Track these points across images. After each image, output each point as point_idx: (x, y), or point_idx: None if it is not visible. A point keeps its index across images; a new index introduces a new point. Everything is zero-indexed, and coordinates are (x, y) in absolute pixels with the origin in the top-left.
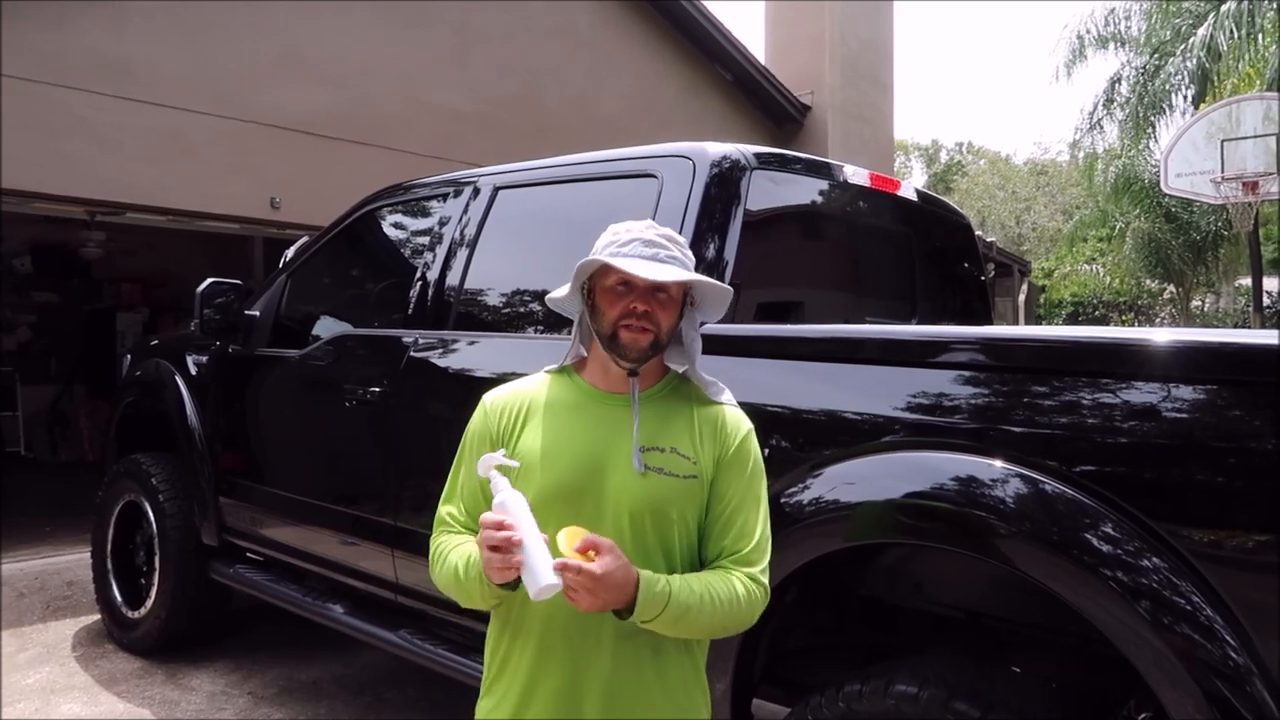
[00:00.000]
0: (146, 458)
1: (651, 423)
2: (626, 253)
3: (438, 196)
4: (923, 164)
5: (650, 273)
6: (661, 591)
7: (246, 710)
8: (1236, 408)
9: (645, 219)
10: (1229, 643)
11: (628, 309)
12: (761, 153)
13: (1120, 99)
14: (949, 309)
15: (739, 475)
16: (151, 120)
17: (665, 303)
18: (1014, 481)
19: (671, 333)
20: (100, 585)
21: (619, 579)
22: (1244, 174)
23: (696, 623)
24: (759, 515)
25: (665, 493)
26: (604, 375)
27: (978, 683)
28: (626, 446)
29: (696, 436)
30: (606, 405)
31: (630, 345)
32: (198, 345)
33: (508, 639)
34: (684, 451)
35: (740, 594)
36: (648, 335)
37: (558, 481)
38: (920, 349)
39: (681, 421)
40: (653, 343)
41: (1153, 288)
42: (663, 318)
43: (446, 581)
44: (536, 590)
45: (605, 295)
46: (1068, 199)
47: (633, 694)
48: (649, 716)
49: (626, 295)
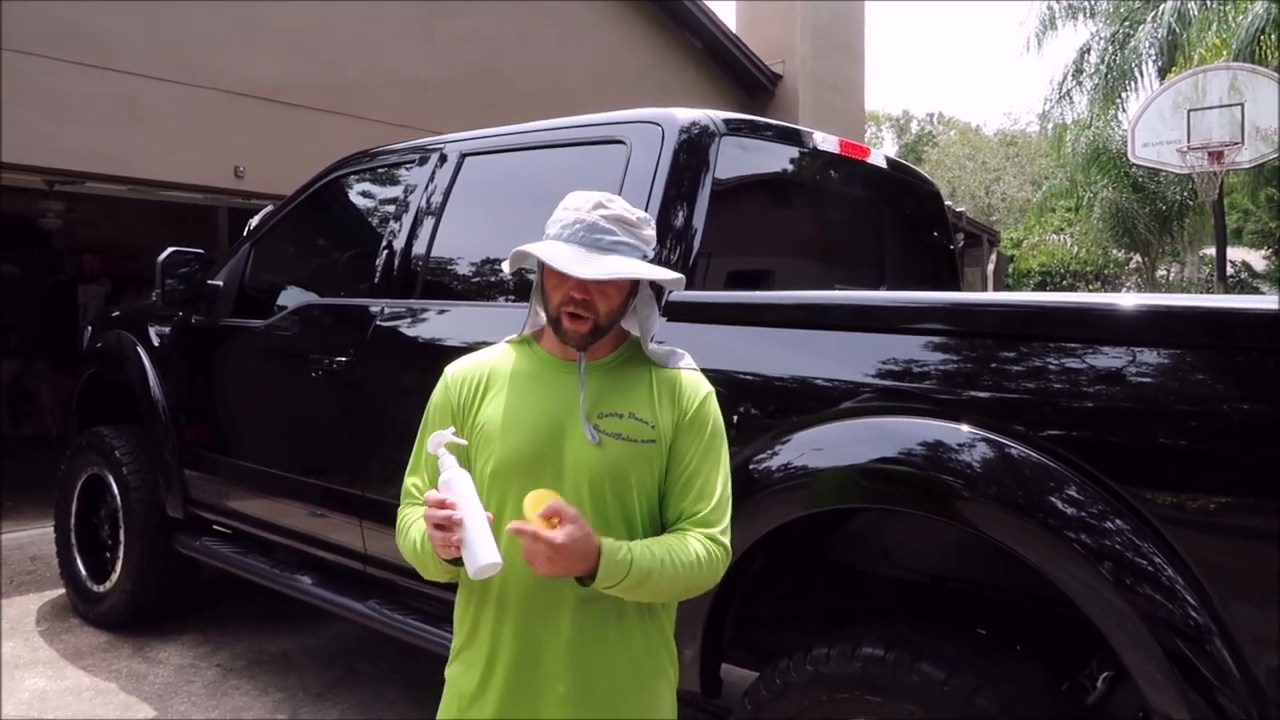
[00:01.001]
0: (109, 430)
1: (609, 388)
2: (566, 237)
3: (404, 164)
4: (894, 134)
5: (578, 269)
6: (623, 559)
7: (215, 682)
8: (1199, 372)
9: (607, 189)
10: (1189, 602)
11: (567, 296)
12: (731, 119)
13: (1089, 69)
14: (918, 277)
15: (698, 437)
16: (108, 86)
17: (605, 288)
18: (980, 446)
19: (615, 315)
20: (64, 559)
21: (580, 549)
22: (1209, 144)
23: (658, 587)
24: (719, 476)
25: (623, 458)
26: (560, 344)
27: (943, 645)
28: (592, 418)
29: (655, 400)
30: (564, 373)
31: (570, 333)
32: (160, 316)
33: (474, 606)
34: (642, 416)
35: (701, 556)
36: (586, 323)
37: (516, 450)
38: (889, 315)
39: (640, 386)
40: (592, 329)
41: (1119, 257)
42: (602, 304)
43: (409, 553)
44: (474, 569)
45: (550, 277)
46: (1037, 169)
47: (596, 658)
48: (613, 680)
49: (567, 282)
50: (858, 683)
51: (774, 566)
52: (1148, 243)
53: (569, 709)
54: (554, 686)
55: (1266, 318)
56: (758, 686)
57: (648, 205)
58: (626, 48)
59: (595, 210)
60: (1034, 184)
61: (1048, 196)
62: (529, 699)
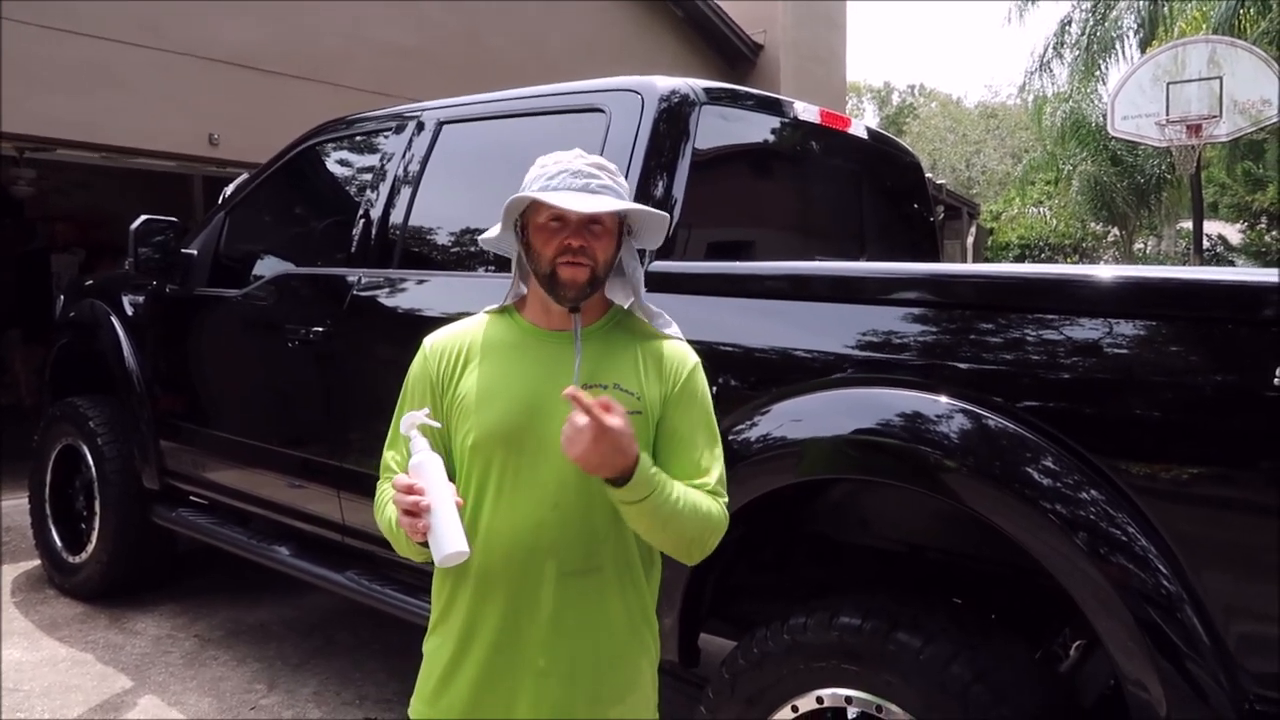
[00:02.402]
0: (84, 401)
1: (594, 359)
2: (555, 185)
3: (381, 131)
4: (875, 106)
5: (582, 205)
6: (655, 475)
7: (193, 653)
8: (1174, 344)
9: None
10: (1162, 572)
11: (563, 245)
12: (711, 87)
13: (1070, 41)
14: (898, 248)
15: (689, 410)
16: (77, 51)
17: (600, 235)
18: (958, 417)
19: (610, 265)
20: (39, 530)
21: (623, 443)
22: (1188, 117)
23: (673, 522)
24: (716, 450)
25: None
26: (545, 313)
27: (919, 615)
28: (569, 385)
29: (641, 372)
30: (548, 343)
31: (569, 283)
32: (134, 285)
33: (451, 580)
34: (628, 387)
35: (714, 511)
36: (585, 270)
37: (498, 422)
38: (868, 286)
39: (626, 357)
40: (590, 278)
41: (1097, 230)
42: (599, 251)
43: (385, 530)
44: (440, 557)
45: (539, 233)
46: (1017, 142)
47: (576, 633)
48: (594, 655)
49: (560, 231)
50: (835, 652)
51: (753, 537)
52: (1125, 216)
53: (548, 683)
54: (533, 661)
55: (1240, 289)
56: (735, 656)
57: (627, 174)
58: (607, 16)
59: (578, 159)
60: (1014, 157)
61: (1028, 170)
62: (508, 673)
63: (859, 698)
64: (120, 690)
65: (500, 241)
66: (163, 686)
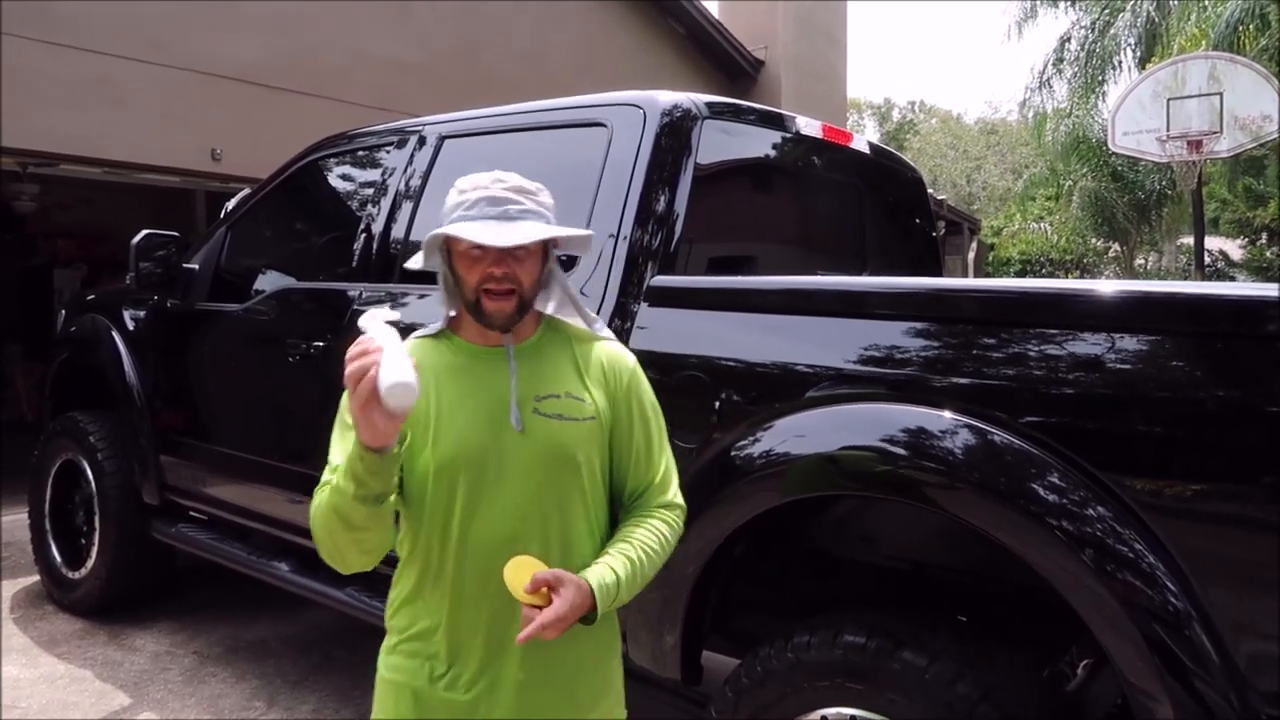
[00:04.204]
0: (84, 416)
1: (539, 370)
2: (473, 215)
3: (383, 146)
4: (875, 122)
5: (499, 239)
6: (612, 585)
7: (192, 670)
8: (1178, 359)
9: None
10: (1169, 589)
11: (485, 274)
12: (713, 102)
13: (1070, 57)
14: (900, 263)
15: (638, 410)
16: (79, 66)
17: (524, 259)
18: (963, 432)
19: (536, 286)
20: (38, 545)
21: (579, 603)
22: (1189, 133)
23: (643, 583)
24: (663, 443)
25: (569, 438)
26: (481, 332)
27: (924, 633)
28: (520, 401)
29: (584, 377)
30: (490, 361)
31: (495, 314)
32: (135, 300)
33: (423, 599)
34: (577, 394)
35: (665, 533)
36: (511, 300)
37: (459, 444)
38: (871, 301)
39: (567, 364)
40: (518, 306)
41: (1098, 246)
42: (523, 276)
43: (322, 518)
44: (385, 387)
45: (461, 260)
46: (1018, 158)
47: (553, 642)
48: (572, 663)
49: (482, 260)
50: (839, 670)
51: (756, 553)
52: (1126, 231)
53: (528, 693)
54: (513, 674)
55: (1243, 304)
56: (738, 674)
57: (629, 189)
58: (608, 32)
59: (496, 184)
60: (1015, 173)
61: (1028, 185)
62: (489, 690)
63: (863, 717)
64: (119, 707)
65: (426, 267)
66: (161, 703)
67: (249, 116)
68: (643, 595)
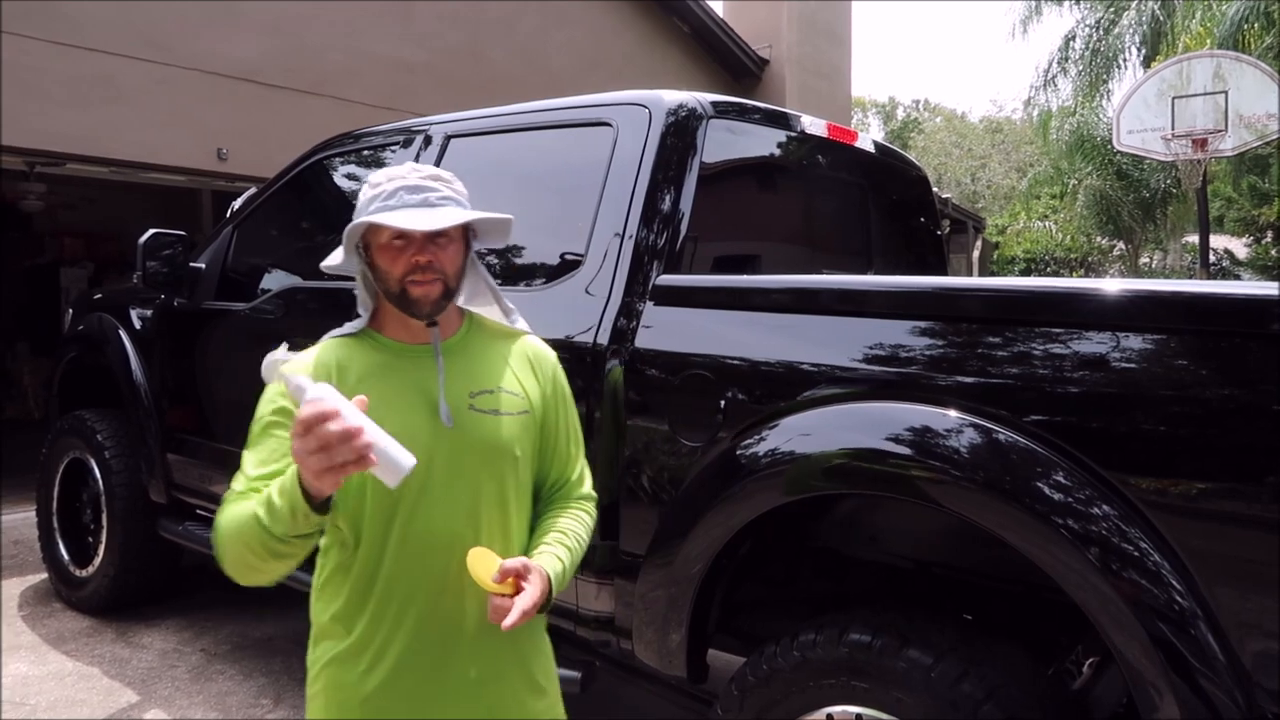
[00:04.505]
0: (91, 414)
1: (470, 366)
2: (393, 205)
3: (388, 145)
4: (880, 121)
5: (425, 223)
6: (560, 574)
7: (199, 667)
8: (1183, 358)
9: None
10: (1175, 587)
11: (410, 264)
12: (719, 101)
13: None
14: (905, 262)
15: (562, 404)
16: (86, 66)
17: (446, 246)
18: (968, 431)
19: (460, 274)
20: (46, 543)
21: (545, 589)
22: (1193, 131)
23: (573, 574)
24: (580, 436)
25: (510, 432)
26: (406, 329)
27: (930, 631)
28: (457, 399)
29: (516, 371)
30: (417, 359)
31: (422, 300)
32: (142, 299)
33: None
34: (511, 388)
35: (588, 523)
36: (438, 285)
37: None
38: (876, 300)
39: (497, 359)
40: (444, 291)
41: (1103, 244)
42: (447, 263)
43: (239, 540)
44: (399, 475)
45: (383, 253)
46: (1022, 156)
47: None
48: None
49: (406, 249)
50: (844, 668)
51: (761, 552)
52: (1131, 230)
53: (482, 690)
54: (465, 673)
55: (1249, 303)
56: (744, 672)
57: (634, 188)
58: (611, 31)
59: (413, 173)
60: (1019, 171)
61: (1033, 184)
62: (441, 692)
63: (869, 715)
64: (126, 705)
65: (342, 266)
66: (169, 701)
67: (254, 116)
68: (649, 593)
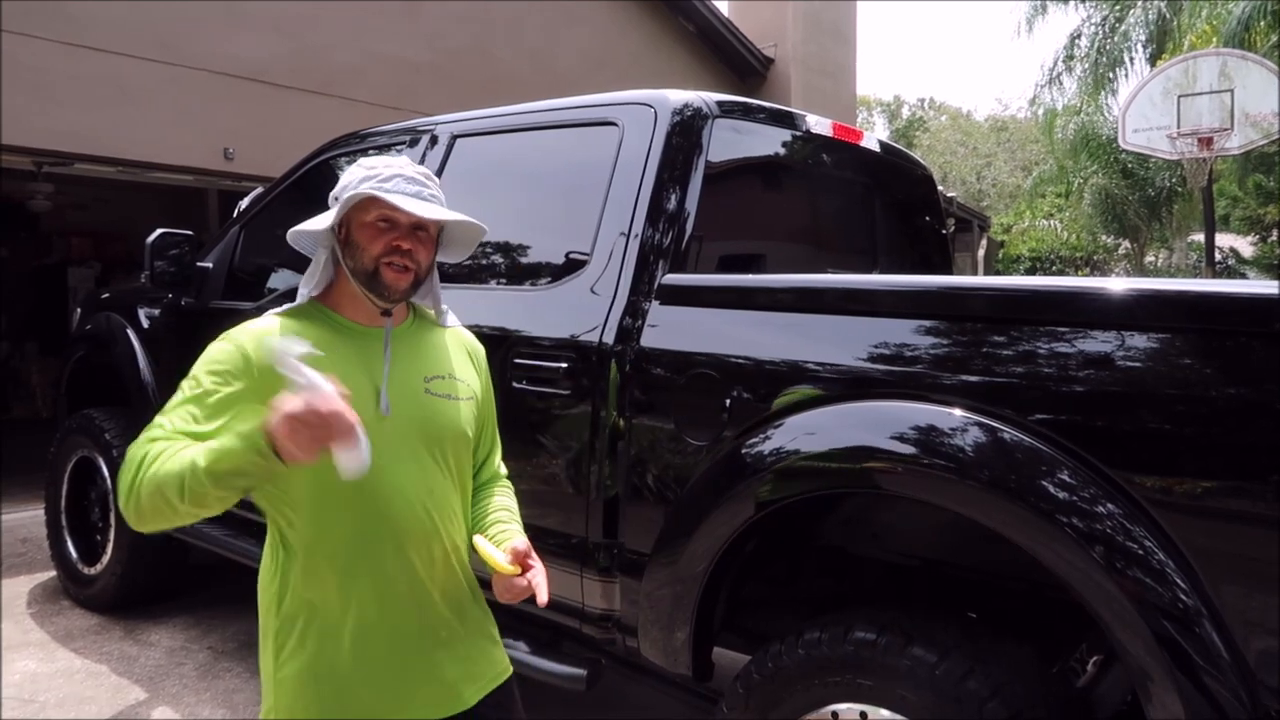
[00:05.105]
0: (99, 413)
1: (422, 353)
2: (390, 189)
3: (394, 145)
4: (885, 119)
5: (426, 211)
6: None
7: (207, 665)
8: (1188, 357)
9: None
10: (1180, 586)
11: (390, 246)
12: (724, 101)
13: (1080, 54)
14: (910, 261)
15: (491, 392)
16: (93, 66)
17: (424, 240)
18: (973, 430)
19: (429, 271)
20: (55, 541)
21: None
22: (1199, 130)
23: None
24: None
25: (459, 416)
26: (365, 311)
27: (934, 629)
28: (413, 382)
29: (455, 361)
30: (370, 342)
31: (392, 285)
32: (149, 298)
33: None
34: (459, 375)
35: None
36: (409, 275)
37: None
38: (881, 299)
39: (441, 349)
40: (413, 282)
41: (1108, 243)
42: (422, 256)
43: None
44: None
45: (364, 230)
46: (1027, 155)
47: (459, 600)
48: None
49: (389, 232)
50: (849, 666)
51: (766, 550)
52: (1137, 229)
53: (455, 652)
54: (436, 634)
55: (1254, 301)
56: (750, 670)
57: (640, 187)
58: (618, 30)
59: (409, 165)
60: (1024, 170)
61: (1038, 183)
62: (420, 655)
63: (874, 713)
64: (134, 702)
65: (310, 236)
66: (177, 698)
67: (261, 116)
68: (654, 591)
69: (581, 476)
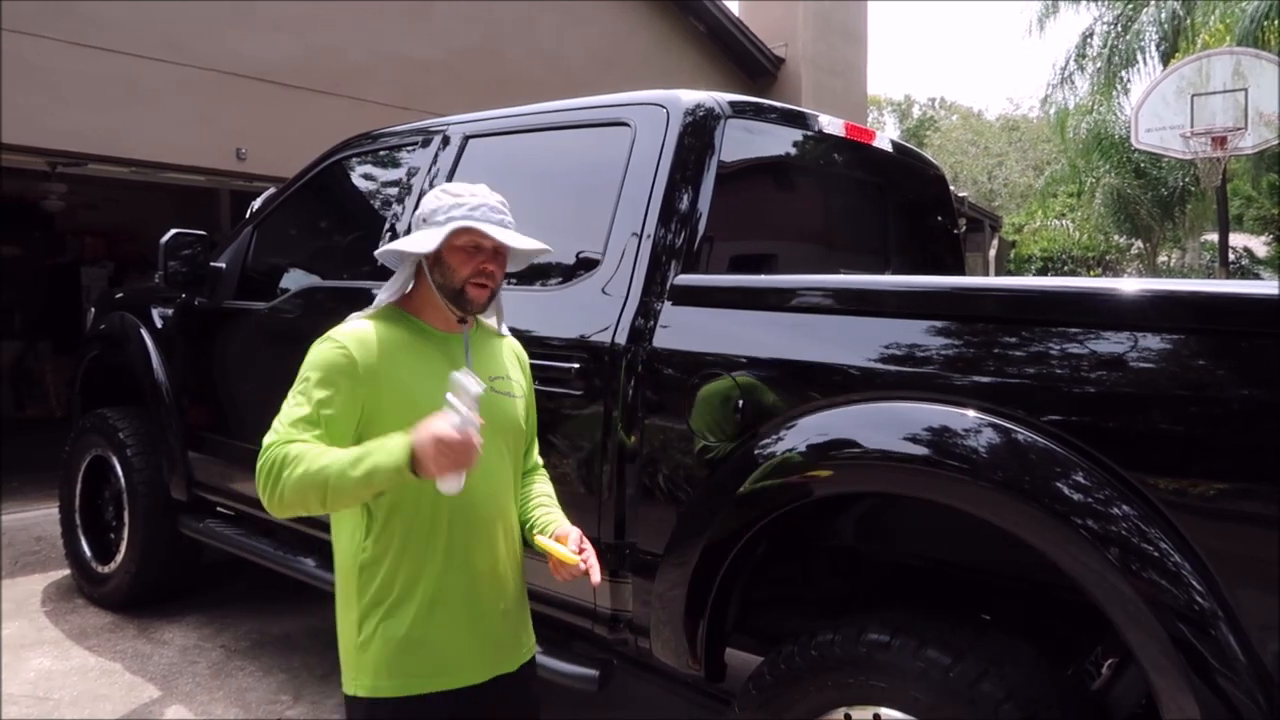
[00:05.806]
0: (113, 412)
1: (486, 356)
2: (479, 217)
3: (407, 146)
4: (896, 119)
5: (512, 240)
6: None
7: (219, 663)
8: (1203, 357)
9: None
10: (1195, 587)
11: (479, 268)
12: (736, 101)
13: (1092, 53)
14: (922, 261)
15: (533, 393)
16: (105, 67)
17: (502, 263)
18: (987, 431)
19: (500, 287)
20: (69, 540)
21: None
22: (1213, 129)
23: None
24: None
25: (520, 412)
26: (445, 319)
27: (948, 631)
28: (484, 382)
29: (510, 363)
30: (448, 346)
31: (475, 301)
32: (163, 298)
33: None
34: (514, 376)
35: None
36: (487, 292)
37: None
38: (893, 299)
39: (500, 353)
40: (490, 298)
41: (1121, 243)
42: (499, 275)
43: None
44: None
45: (455, 253)
46: (1039, 155)
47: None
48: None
49: (476, 255)
50: (862, 668)
51: (778, 551)
52: (1149, 228)
53: (511, 620)
54: (496, 605)
55: (1268, 302)
56: (762, 671)
57: (652, 188)
58: (628, 30)
59: (491, 195)
60: (1036, 169)
61: (1050, 182)
62: (479, 617)
63: (887, 714)
64: (148, 700)
65: (396, 254)
66: (190, 696)
67: (273, 116)
68: (666, 592)
69: (593, 477)
